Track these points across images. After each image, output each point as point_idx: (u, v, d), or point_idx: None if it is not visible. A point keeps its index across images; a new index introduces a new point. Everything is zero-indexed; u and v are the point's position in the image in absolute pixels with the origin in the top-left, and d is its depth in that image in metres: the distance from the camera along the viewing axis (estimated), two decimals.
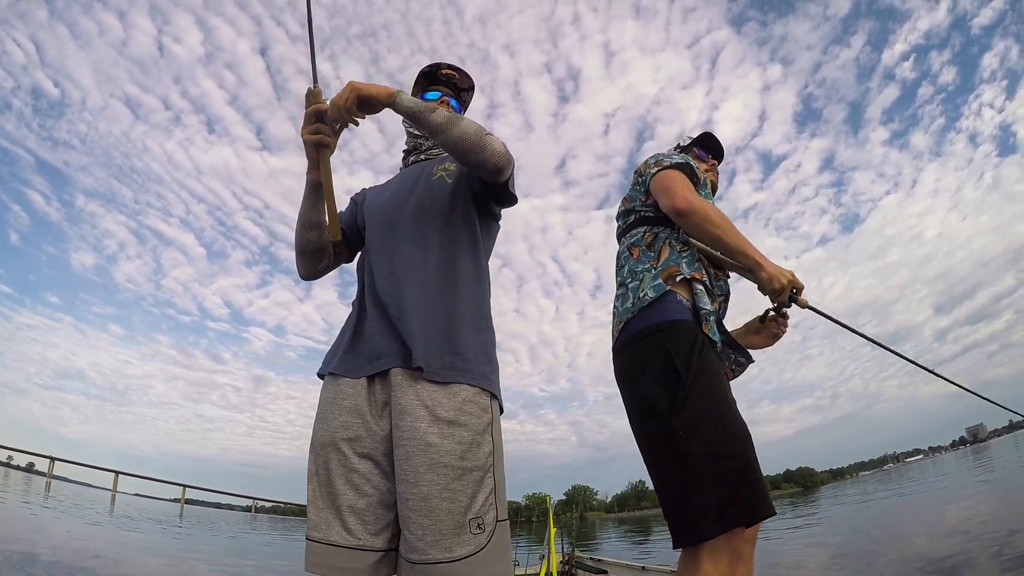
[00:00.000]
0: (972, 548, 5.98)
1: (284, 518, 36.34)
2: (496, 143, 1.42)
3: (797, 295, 1.75)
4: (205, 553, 10.06)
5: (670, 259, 1.75)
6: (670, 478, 1.51)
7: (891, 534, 9.41)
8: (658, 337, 1.61)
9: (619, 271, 1.89)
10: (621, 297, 1.80)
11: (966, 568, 5.18)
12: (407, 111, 1.41)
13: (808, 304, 1.79)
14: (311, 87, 1.45)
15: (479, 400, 1.30)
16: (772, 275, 1.69)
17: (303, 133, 1.45)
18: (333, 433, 1.33)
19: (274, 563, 10.08)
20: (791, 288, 1.71)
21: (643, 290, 1.71)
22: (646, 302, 1.68)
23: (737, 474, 1.44)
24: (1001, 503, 10.36)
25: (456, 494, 1.20)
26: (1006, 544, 5.73)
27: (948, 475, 27.34)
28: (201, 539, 13.20)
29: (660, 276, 1.71)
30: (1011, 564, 4.77)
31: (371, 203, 1.67)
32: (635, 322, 1.69)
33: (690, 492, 1.44)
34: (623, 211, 1.98)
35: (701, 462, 1.44)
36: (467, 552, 1.18)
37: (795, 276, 1.71)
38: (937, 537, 7.53)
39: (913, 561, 6.06)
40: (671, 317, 1.64)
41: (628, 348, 1.69)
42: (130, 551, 8.49)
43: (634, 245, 1.86)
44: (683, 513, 1.46)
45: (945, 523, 9.12)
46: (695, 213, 1.70)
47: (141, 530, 12.64)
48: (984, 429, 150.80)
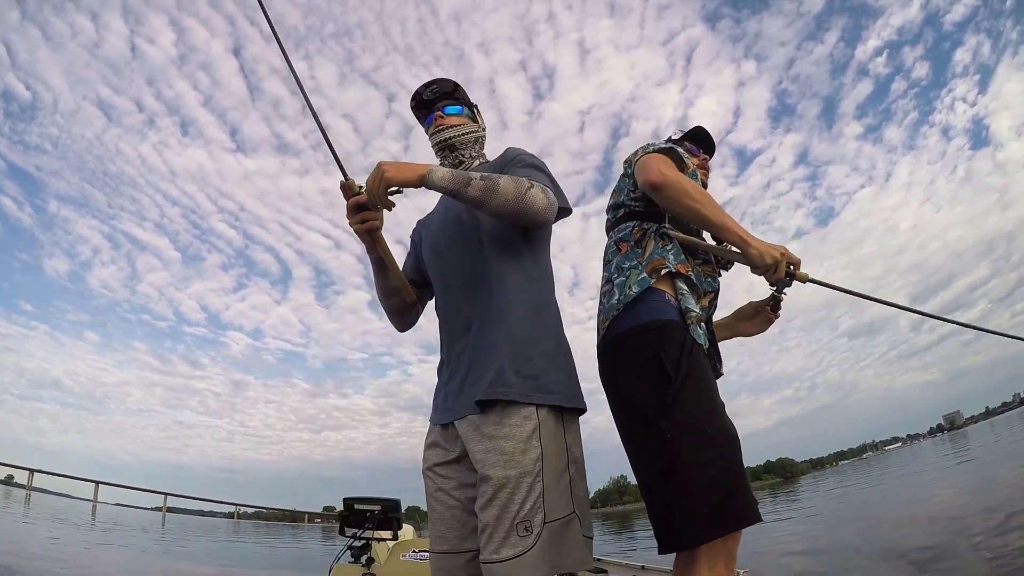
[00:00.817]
0: (950, 531, 6.12)
1: (267, 523, 36.08)
2: (538, 199, 1.42)
3: (795, 271, 1.64)
4: (191, 560, 9.97)
5: (655, 252, 1.69)
6: (658, 482, 1.48)
7: (870, 520, 9.56)
8: (646, 337, 1.56)
9: (606, 266, 1.82)
10: (607, 293, 1.74)
11: (944, 552, 5.28)
12: (442, 189, 1.41)
13: (810, 278, 1.68)
14: (343, 180, 1.46)
15: (519, 411, 1.37)
16: (761, 251, 1.58)
17: (351, 224, 1.50)
18: (425, 462, 1.57)
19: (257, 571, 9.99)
20: (786, 263, 1.61)
21: (629, 285, 1.65)
22: (631, 297, 1.62)
23: (726, 480, 1.42)
24: (979, 487, 10.57)
25: (504, 500, 1.31)
26: (985, 527, 5.85)
27: (926, 461, 27.82)
28: (186, 546, 13.05)
29: (645, 270, 1.66)
30: (990, 547, 4.87)
31: (424, 239, 1.76)
32: (622, 320, 1.64)
33: (679, 497, 1.41)
34: (612, 204, 1.91)
35: (690, 467, 1.41)
36: (513, 554, 1.28)
37: (788, 251, 1.61)
38: (916, 522, 7.67)
39: (892, 546, 6.16)
40: (659, 317, 1.59)
41: (615, 348, 1.64)
42: (113, 562, 8.37)
43: (622, 240, 1.79)
44: (671, 518, 1.44)
45: (924, 508, 9.28)
46: (670, 186, 1.61)
47: (123, 540, 12.46)
48: (961, 416, 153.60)
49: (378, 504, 2.93)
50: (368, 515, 2.90)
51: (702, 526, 1.38)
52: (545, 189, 1.46)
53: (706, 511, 1.38)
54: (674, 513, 1.42)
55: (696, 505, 1.39)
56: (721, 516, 1.38)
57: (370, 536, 2.94)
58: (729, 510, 1.39)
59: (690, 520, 1.39)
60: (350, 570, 2.85)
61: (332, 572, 2.90)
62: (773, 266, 1.59)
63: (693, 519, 1.38)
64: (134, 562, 8.82)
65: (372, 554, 2.96)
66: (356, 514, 2.93)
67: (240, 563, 10.70)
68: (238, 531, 24.67)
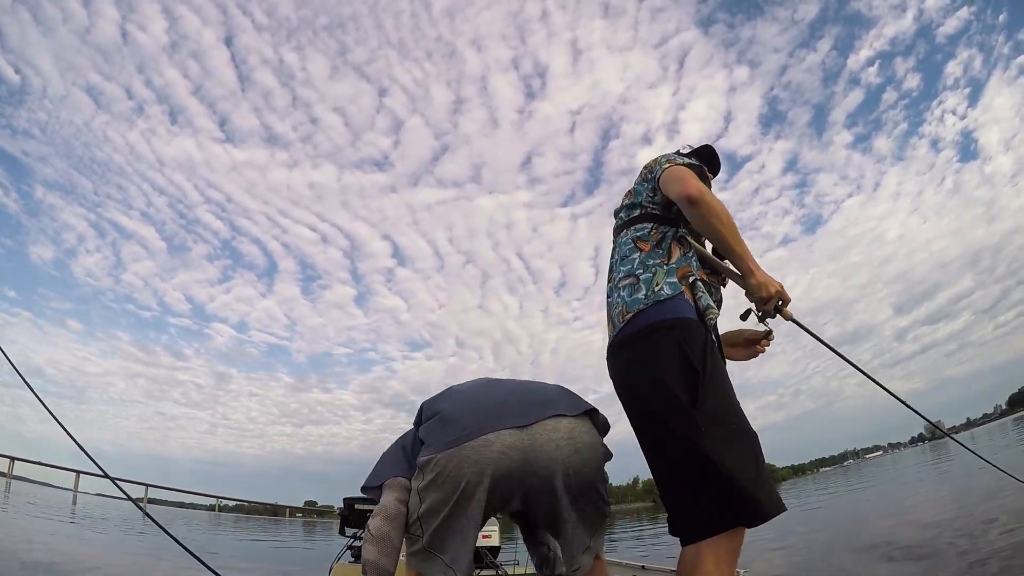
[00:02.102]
0: (929, 538, 6.18)
1: (248, 516, 35.91)
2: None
3: (783, 307, 1.78)
4: (169, 552, 9.88)
5: (681, 259, 1.77)
6: (688, 472, 1.51)
7: (849, 526, 9.66)
8: (674, 332, 1.62)
9: (623, 261, 1.87)
10: (629, 287, 1.78)
11: (924, 557, 5.34)
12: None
13: (792, 317, 1.82)
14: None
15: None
16: (762, 283, 1.71)
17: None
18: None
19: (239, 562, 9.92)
20: (778, 299, 1.74)
21: (657, 284, 1.72)
22: (661, 296, 1.69)
23: (755, 472, 1.47)
24: (957, 496, 10.70)
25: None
26: (963, 536, 5.92)
27: (906, 469, 28.14)
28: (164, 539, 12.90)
29: (675, 274, 1.73)
30: (971, 556, 4.93)
31: None
32: (648, 314, 1.69)
33: (715, 485, 1.45)
34: (628, 204, 1.98)
35: (726, 456, 1.46)
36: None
37: (783, 288, 1.74)
38: (897, 527, 7.74)
39: (870, 551, 6.21)
40: (684, 315, 1.66)
41: (641, 339, 1.68)
42: (94, 551, 8.28)
43: (640, 239, 1.85)
44: (704, 505, 1.46)
45: (903, 515, 9.39)
46: (705, 204, 1.71)
47: (103, 530, 12.33)
48: (942, 426, 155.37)
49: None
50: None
51: (744, 512, 1.42)
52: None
53: (747, 496, 1.42)
54: (709, 501, 1.45)
55: (736, 492, 1.42)
56: (748, 505, 1.42)
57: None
58: (757, 499, 1.43)
59: (719, 507, 1.43)
60: (350, 570, 2.82)
61: (332, 572, 2.87)
62: (767, 299, 1.72)
63: (722, 506, 1.43)
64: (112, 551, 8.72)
65: None
66: (356, 514, 2.90)
67: (234, 558, 10.61)
68: (219, 523, 24.49)
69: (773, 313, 1.79)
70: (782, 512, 1.46)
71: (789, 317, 1.81)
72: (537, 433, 1.67)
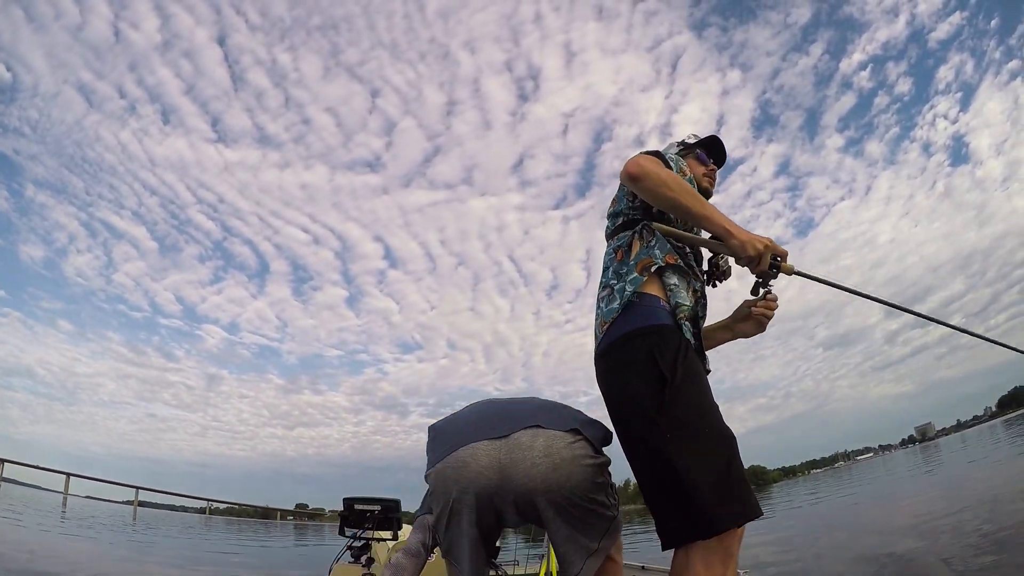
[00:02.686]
0: (918, 540, 6.24)
1: (239, 519, 35.69)
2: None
3: (780, 263, 1.64)
4: (159, 556, 9.83)
5: (641, 252, 1.73)
6: (658, 480, 1.50)
7: (839, 529, 9.72)
8: (642, 341, 1.59)
9: (604, 272, 1.86)
10: (606, 298, 1.77)
11: (910, 561, 5.39)
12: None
13: (795, 270, 1.69)
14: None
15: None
16: (744, 241, 1.59)
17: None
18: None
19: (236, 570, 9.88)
20: (771, 255, 1.61)
21: (624, 288, 1.68)
22: (627, 299, 1.65)
23: (726, 477, 1.44)
24: (949, 498, 10.78)
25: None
26: (955, 537, 5.98)
27: (897, 472, 28.29)
28: (156, 542, 12.85)
29: (635, 269, 1.69)
30: (959, 558, 4.98)
31: None
32: (619, 324, 1.66)
33: (680, 495, 1.43)
34: (612, 212, 1.95)
35: (690, 465, 1.43)
36: None
37: (773, 242, 1.62)
38: (885, 532, 7.79)
39: (859, 555, 6.26)
40: (655, 321, 1.62)
41: (613, 352, 1.66)
42: (84, 554, 8.23)
43: (619, 248, 1.82)
44: (672, 515, 1.46)
45: (894, 517, 9.45)
46: (647, 176, 1.64)
47: (94, 534, 12.25)
48: (932, 428, 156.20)
49: (378, 504, 2.93)
50: (368, 515, 2.90)
51: (702, 522, 1.39)
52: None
53: (706, 507, 1.39)
54: (674, 508, 1.44)
55: (696, 502, 1.40)
56: (720, 513, 1.39)
57: (370, 536, 2.94)
58: (728, 507, 1.40)
59: (691, 517, 1.40)
60: (350, 570, 2.84)
61: (332, 572, 2.89)
62: (756, 257, 1.60)
63: (694, 516, 1.40)
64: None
65: (372, 554, 2.96)
66: (356, 514, 2.92)
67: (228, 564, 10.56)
68: (210, 526, 24.34)
69: (773, 272, 1.65)
70: (755, 518, 1.44)
71: (791, 271, 1.67)
72: (513, 447, 1.70)
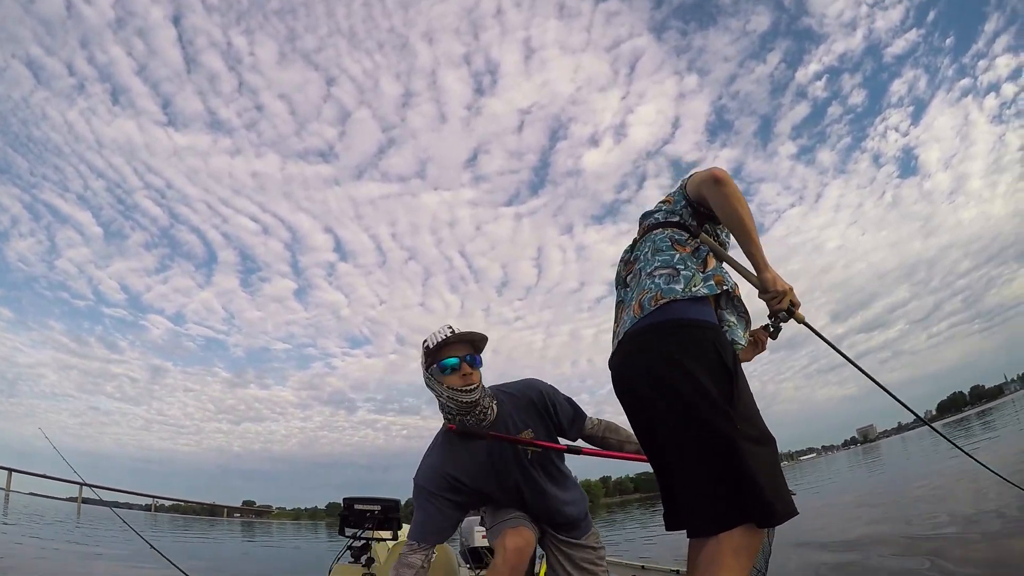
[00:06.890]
0: (862, 536, 6.51)
1: (184, 516, 34.73)
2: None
3: (795, 309, 1.78)
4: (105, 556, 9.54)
5: (717, 269, 1.82)
6: (719, 465, 1.51)
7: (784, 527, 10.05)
8: (707, 333, 1.67)
9: (658, 252, 1.89)
10: (667, 276, 1.80)
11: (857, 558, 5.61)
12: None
13: (805, 320, 1.82)
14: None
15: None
16: (776, 276, 1.75)
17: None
18: None
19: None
20: (789, 299, 1.75)
21: (695, 284, 1.75)
22: (698, 294, 1.73)
23: (777, 472, 1.52)
24: (887, 496, 11.23)
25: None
26: (894, 532, 6.25)
27: (839, 472, 29.35)
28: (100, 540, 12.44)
29: (713, 279, 1.77)
30: (900, 553, 5.20)
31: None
32: (684, 307, 1.71)
33: (740, 481, 1.47)
34: (667, 209, 2.03)
35: (754, 456, 1.49)
36: None
37: (793, 291, 1.76)
38: (830, 528, 8.09)
39: (804, 549, 6.47)
40: (713, 320, 1.73)
41: (671, 332, 1.69)
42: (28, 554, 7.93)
43: (678, 242, 1.89)
44: (720, 499, 1.49)
45: (838, 515, 9.80)
46: (730, 184, 1.78)
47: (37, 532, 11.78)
48: (874, 430, 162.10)
49: (378, 504, 2.92)
50: (368, 515, 2.89)
51: (755, 512, 1.46)
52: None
53: (764, 499, 1.45)
54: (727, 495, 1.48)
55: (756, 492, 1.46)
56: (776, 507, 1.46)
57: (370, 536, 2.94)
58: (781, 503, 1.48)
59: (746, 505, 1.46)
60: (350, 570, 2.83)
61: (332, 572, 2.87)
62: (781, 295, 1.74)
63: (750, 504, 1.46)
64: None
65: (372, 554, 2.96)
66: (356, 514, 2.91)
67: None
68: (156, 524, 23.67)
69: (785, 315, 1.79)
70: (793, 516, 1.50)
71: (802, 320, 1.81)
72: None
